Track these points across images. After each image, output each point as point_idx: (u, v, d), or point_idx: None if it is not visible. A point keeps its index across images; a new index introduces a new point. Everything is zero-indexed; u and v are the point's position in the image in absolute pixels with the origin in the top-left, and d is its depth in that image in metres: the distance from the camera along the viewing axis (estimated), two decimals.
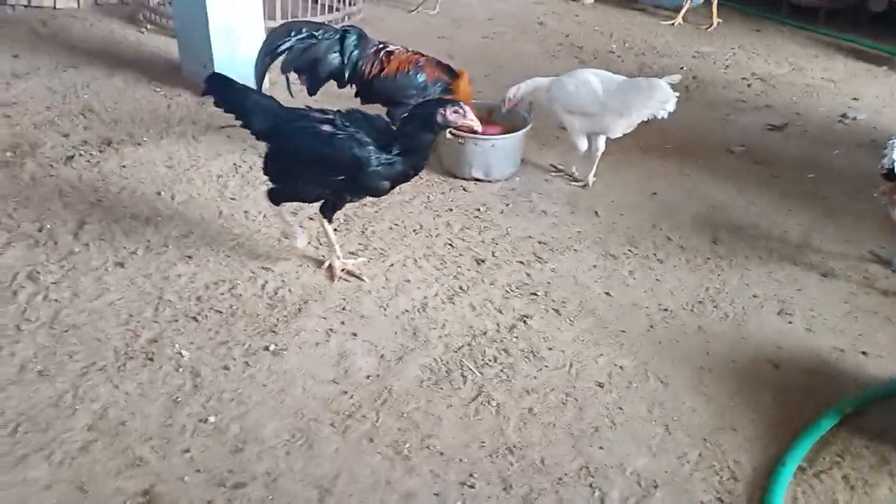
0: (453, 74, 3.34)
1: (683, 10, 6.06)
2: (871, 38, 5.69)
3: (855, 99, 4.77)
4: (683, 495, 1.91)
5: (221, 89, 2.63)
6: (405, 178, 2.50)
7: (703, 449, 2.05)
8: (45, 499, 1.79)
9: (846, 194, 3.55)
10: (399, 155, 2.40)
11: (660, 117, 3.12)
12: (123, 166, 3.42)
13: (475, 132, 2.59)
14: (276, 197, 2.66)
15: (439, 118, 2.35)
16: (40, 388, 2.12)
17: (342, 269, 2.73)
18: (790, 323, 2.61)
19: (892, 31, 5.78)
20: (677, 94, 3.06)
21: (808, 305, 2.70)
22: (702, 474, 1.97)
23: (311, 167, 2.49)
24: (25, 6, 5.38)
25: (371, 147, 2.39)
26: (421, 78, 3.24)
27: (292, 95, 3.30)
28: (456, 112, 2.35)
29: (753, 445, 2.06)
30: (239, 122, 2.61)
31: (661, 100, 3.04)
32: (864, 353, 2.47)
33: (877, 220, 3.20)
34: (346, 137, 2.40)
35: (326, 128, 2.44)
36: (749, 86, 4.97)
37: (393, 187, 2.52)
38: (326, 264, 2.75)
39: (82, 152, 3.51)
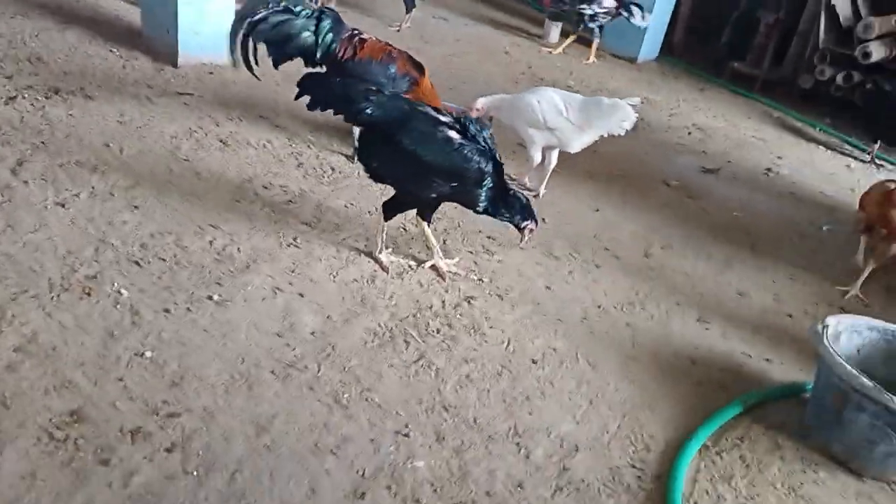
0: (421, 71, 3.46)
1: (566, 43, 6.48)
2: (798, 111, 6.28)
3: (779, 157, 5.23)
4: (602, 459, 2.04)
5: (320, 85, 2.52)
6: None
7: (623, 422, 2.20)
8: None
9: (766, 232, 3.88)
10: (493, 188, 2.50)
11: (616, 135, 3.34)
12: (71, 115, 3.34)
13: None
14: (390, 210, 2.60)
15: (525, 229, 2.64)
16: None
17: (431, 266, 2.75)
18: (707, 329, 2.83)
19: (818, 106, 6.39)
20: (637, 115, 3.30)
21: (724, 316, 2.94)
22: (619, 443, 2.12)
23: (430, 172, 2.41)
24: None
25: (492, 162, 2.40)
26: (392, 69, 3.34)
27: (256, 64, 3.30)
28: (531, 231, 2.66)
29: (667, 424, 2.23)
30: (343, 116, 2.48)
31: (622, 118, 3.27)
32: (767, 360, 2.71)
33: (792, 254, 3.55)
34: (473, 149, 2.37)
35: (455, 135, 2.37)
36: (689, 133, 5.37)
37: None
38: (429, 265, 2.75)
39: (26, 95, 3.41)
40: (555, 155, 3.58)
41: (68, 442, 1.70)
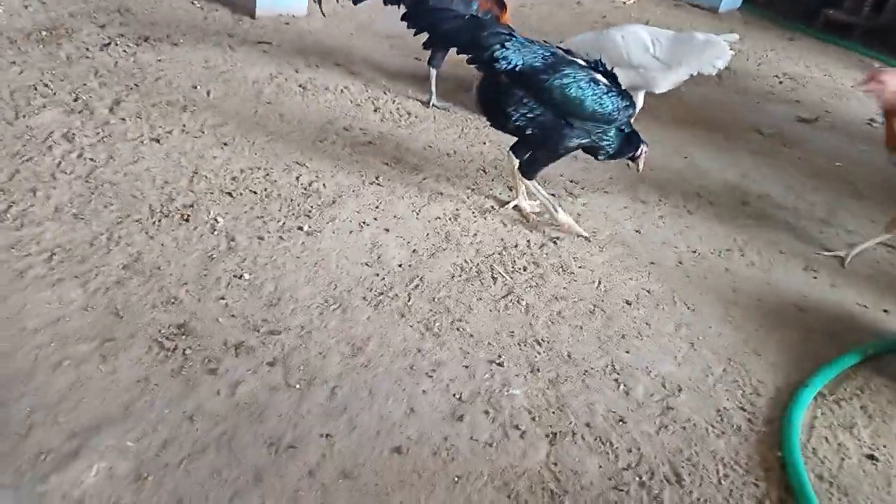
0: (502, 6, 3.34)
1: None
2: None
3: None
4: (707, 400, 1.94)
5: (441, 20, 2.34)
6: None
7: (728, 366, 2.08)
8: (81, 317, 1.79)
9: (872, 183, 3.59)
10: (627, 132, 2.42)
11: (706, 74, 3.13)
12: (160, 60, 3.42)
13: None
14: (531, 169, 2.44)
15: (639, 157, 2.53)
16: (76, 227, 2.11)
17: (514, 207, 2.68)
18: (815, 278, 2.64)
19: None
20: (733, 52, 3.07)
21: (832, 266, 2.74)
22: (725, 386, 2.00)
23: (583, 119, 2.26)
24: None
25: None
26: (474, 6, 3.23)
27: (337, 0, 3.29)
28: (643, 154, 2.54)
29: (776, 370, 2.10)
30: (469, 60, 2.27)
31: (716, 56, 3.04)
32: (885, 311, 2.51)
33: None
34: (619, 93, 2.26)
35: (601, 77, 2.24)
36: (780, 82, 5.01)
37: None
38: (513, 205, 2.68)
39: (118, 42, 3.51)
40: (640, 97, 3.39)
41: (177, 352, 1.74)
